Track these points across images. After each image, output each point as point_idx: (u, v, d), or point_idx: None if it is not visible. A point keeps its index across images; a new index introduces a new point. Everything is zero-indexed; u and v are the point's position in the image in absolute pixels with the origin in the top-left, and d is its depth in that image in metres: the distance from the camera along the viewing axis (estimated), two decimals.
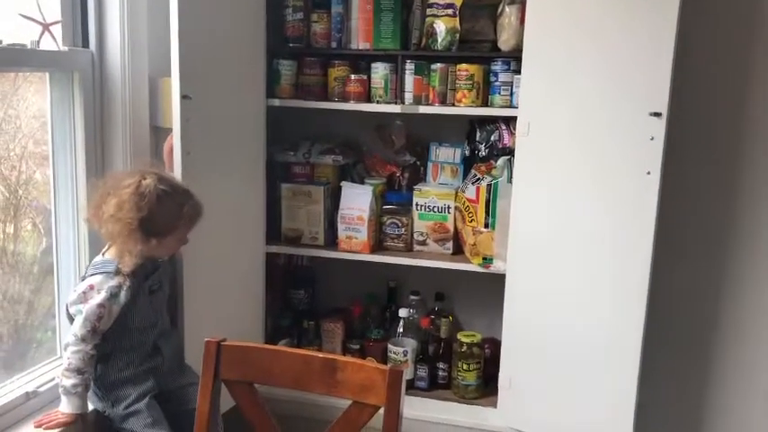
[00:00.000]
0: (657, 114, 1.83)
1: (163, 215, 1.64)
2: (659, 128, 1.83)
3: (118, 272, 1.65)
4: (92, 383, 1.68)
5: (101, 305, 1.62)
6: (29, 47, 1.68)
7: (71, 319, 1.68)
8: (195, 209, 1.72)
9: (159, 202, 1.63)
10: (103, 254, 1.71)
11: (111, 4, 1.84)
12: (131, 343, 1.70)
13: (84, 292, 1.65)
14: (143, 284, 1.71)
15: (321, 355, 1.42)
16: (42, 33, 1.71)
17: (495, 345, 2.30)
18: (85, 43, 1.85)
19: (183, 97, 1.76)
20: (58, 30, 1.77)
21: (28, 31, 1.70)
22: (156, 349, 1.75)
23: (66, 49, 1.79)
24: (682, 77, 1.88)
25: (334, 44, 2.30)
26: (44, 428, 1.63)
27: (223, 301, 2.07)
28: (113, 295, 1.64)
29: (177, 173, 1.78)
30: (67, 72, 1.81)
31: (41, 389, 1.76)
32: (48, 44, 1.73)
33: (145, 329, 1.72)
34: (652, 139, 1.84)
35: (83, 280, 1.69)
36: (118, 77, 1.86)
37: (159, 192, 1.63)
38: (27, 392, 1.72)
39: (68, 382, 1.61)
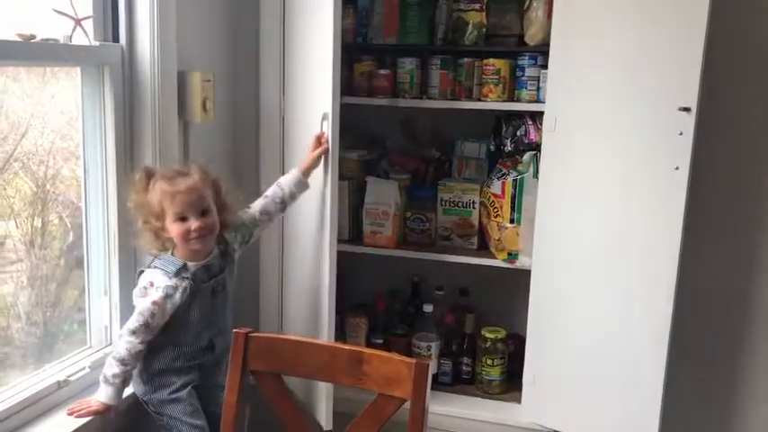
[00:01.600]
0: (687, 109, 1.80)
1: (149, 198, 1.69)
2: (688, 123, 1.81)
3: (178, 273, 1.68)
4: (138, 367, 1.70)
5: (155, 302, 1.65)
6: (61, 41, 1.71)
7: None
8: (172, 185, 1.70)
9: (142, 188, 1.70)
10: (172, 252, 1.74)
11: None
12: (187, 339, 1.72)
13: (144, 287, 1.68)
14: (204, 286, 1.72)
15: (348, 347, 1.43)
16: (74, 28, 1.73)
17: (519, 341, 2.29)
18: (116, 38, 1.87)
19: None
20: (89, 25, 1.79)
21: (61, 26, 1.72)
22: (209, 346, 1.76)
23: (97, 43, 1.81)
24: (712, 72, 1.86)
25: (360, 39, 2.31)
26: (75, 416, 1.66)
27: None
28: (168, 295, 1.66)
29: (333, 175, 1.90)
30: (98, 67, 1.83)
31: (72, 378, 1.79)
32: (79, 39, 1.76)
33: (203, 329, 1.74)
34: (681, 134, 1.82)
35: (148, 267, 1.72)
36: (147, 72, 1.88)
37: (142, 175, 1.71)
38: (58, 381, 1.75)
39: (110, 370, 1.64)
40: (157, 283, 1.67)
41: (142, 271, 1.73)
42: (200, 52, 2.07)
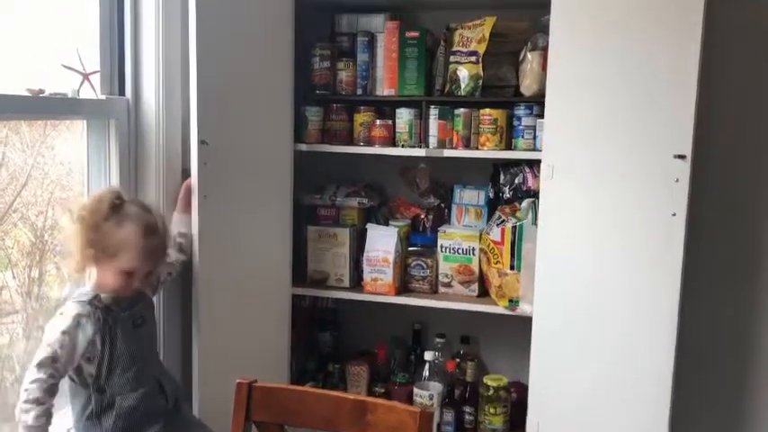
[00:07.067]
0: (682, 157, 1.84)
1: (110, 230, 1.54)
2: (684, 170, 1.84)
3: (91, 302, 1.56)
4: None
5: (64, 332, 1.51)
6: (69, 95, 1.75)
7: None
8: (145, 237, 1.57)
9: (109, 214, 1.54)
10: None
11: (148, 53, 1.90)
12: (129, 382, 1.60)
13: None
14: (122, 316, 1.60)
15: (352, 397, 1.42)
16: (82, 82, 1.77)
17: (521, 388, 2.28)
18: (122, 91, 1.91)
19: (201, 143, 1.81)
20: (96, 79, 1.83)
21: (68, 80, 1.77)
22: (160, 389, 1.67)
23: (103, 97, 1.85)
24: (706, 120, 1.91)
25: (359, 91, 2.36)
26: None
27: (248, 343, 2.08)
28: (78, 324, 1.53)
29: (194, 216, 1.82)
30: (104, 119, 1.87)
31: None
32: (86, 92, 1.80)
33: (143, 367, 1.63)
34: (677, 180, 1.85)
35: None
36: (152, 124, 1.92)
37: (113, 201, 1.56)
38: (68, 430, 1.72)
39: (29, 416, 1.44)
40: (67, 313, 1.54)
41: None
42: None
